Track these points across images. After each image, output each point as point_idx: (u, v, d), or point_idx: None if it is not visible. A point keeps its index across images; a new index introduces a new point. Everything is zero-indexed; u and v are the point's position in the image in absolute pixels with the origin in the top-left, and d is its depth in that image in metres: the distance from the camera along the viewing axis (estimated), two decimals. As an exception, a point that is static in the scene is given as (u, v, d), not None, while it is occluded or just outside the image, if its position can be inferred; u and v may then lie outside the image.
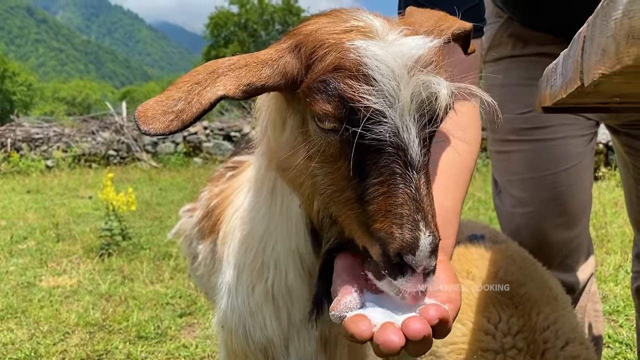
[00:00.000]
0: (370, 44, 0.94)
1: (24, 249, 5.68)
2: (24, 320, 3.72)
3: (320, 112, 0.93)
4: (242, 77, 0.96)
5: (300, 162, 1.04)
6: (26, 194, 9.65)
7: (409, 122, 0.91)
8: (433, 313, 0.84)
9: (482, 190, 8.01)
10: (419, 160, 0.91)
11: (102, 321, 3.65)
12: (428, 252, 0.87)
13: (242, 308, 1.41)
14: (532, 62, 1.91)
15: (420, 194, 0.91)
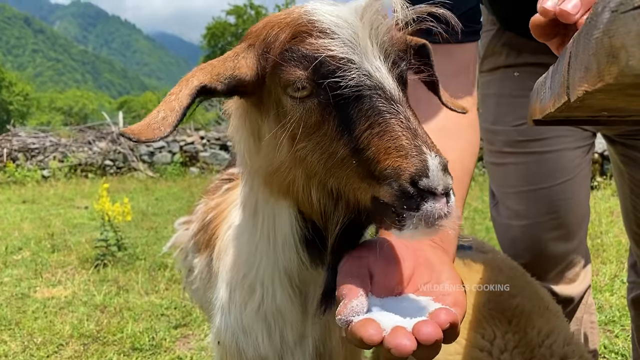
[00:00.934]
0: (319, 4, 1.00)
1: (19, 260, 5.66)
2: (18, 332, 3.69)
3: (292, 78, 0.95)
4: (211, 71, 1.01)
5: (286, 154, 1.04)
6: (22, 204, 9.62)
7: (376, 62, 0.95)
8: (444, 317, 0.83)
9: (479, 200, 8.02)
10: (399, 94, 0.94)
11: (97, 332, 3.63)
12: (441, 170, 0.87)
13: (235, 326, 1.40)
14: (526, 73, 1.91)
15: (411, 122, 0.92)
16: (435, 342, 0.81)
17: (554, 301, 1.52)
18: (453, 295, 0.94)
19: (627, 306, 2.32)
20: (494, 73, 2.03)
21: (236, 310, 1.39)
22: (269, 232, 1.20)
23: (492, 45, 2.00)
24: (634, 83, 0.41)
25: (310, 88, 0.96)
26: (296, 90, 0.96)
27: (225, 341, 1.43)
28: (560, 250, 1.96)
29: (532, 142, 1.93)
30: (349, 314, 0.88)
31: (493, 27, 2.00)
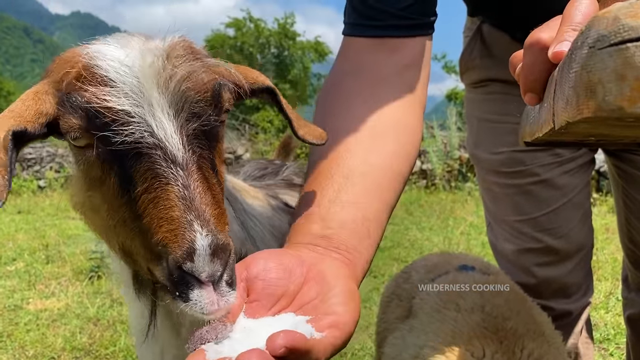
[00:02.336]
0: (103, 47, 0.91)
1: (12, 271, 5.62)
2: (9, 345, 3.66)
3: (67, 127, 0.88)
4: (13, 116, 0.90)
5: (82, 197, 0.99)
6: (17, 215, 9.58)
7: (161, 117, 0.85)
8: (279, 342, 0.73)
9: (474, 215, 8.02)
10: (183, 156, 0.84)
11: (89, 346, 3.60)
12: (208, 254, 0.77)
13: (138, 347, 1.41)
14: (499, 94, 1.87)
15: (191, 192, 0.82)
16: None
17: (552, 328, 1.51)
18: (335, 315, 0.87)
19: (622, 324, 2.32)
20: (474, 91, 2.00)
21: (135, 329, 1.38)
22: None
23: (465, 57, 1.95)
24: (611, 117, 0.42)
25: (86, 139, 0.88)
26: (74, 139, 0.89)
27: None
28: (552, 275, 1.94)
29: (515, 174, 1.88)
30: (196, 342, 0.82)
31: (468, 35, 1.96)
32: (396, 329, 1.70)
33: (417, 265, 1.93)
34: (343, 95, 1.30)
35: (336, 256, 1.04)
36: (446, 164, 10.77)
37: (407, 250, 5.88)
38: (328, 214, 1.10)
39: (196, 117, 0.88)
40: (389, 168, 1.20)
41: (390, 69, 1.30)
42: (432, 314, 1.53)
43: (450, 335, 1.37)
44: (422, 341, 1.46)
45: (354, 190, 1.13)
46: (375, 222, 1.13)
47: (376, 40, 1.32)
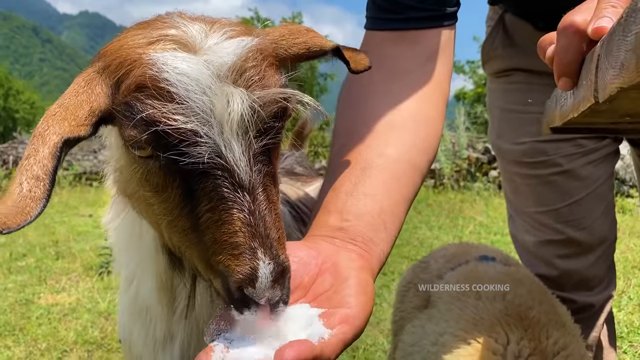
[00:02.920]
0: (171, 56, 0.84)
1: (23, 266, 5.65)
2: (22, 338, 3.68)
3: (127, 138, 0.84)
4: (67, 116, 0.86)
5: (135, 190, 0.97)
6: (26, 211, 9.61)
7: (230, 139, 0.82)
8: (287, 355, 0.75)
9: (484, 214, 7.99)
10: (250, 179, 0.82)
11: (101, 339, 3.62)
12: (270, 281, 0.79)
13: (124, 321, 1.39)
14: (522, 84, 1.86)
15: (255, 217, 0.81)
16: None
17: (571, 320, 1.50)
18: (347, 308, 0.88)
19: (635, 322, 2.30)
20: (496, 81, 1.99)
21: (125, 306, 1.38)
22: (135, 227, 1.16)
23: (487, 47, 1.94)
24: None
25: (150, 152, 0.84)
26: (135, 149, 0.86)
27: (122, 335, 1.42)
28: (574, 267, 1.92)
29: (537, 164, 1.87)
30: (212, 333, 0.83)
31: (490, 24, 1.95)
32: (415, 317, 1.70)
33: (436, 255, 1.93)
34: (364, 88, 1.30)
35: (352, 248, 1.04)
36: (454, 164, 10.75)
37: (417, 249, 5.87)
38: (345, 206, 1.10)
39: (264, 135, 0.86)
40: (407, 161, 1.19)
41: (411, 62, 1.30)
42: (452, 301, 1.53)
43: (472, 323, 1.37)
44: (441, 328, 1.46)
45: (371, 182, 1.12)
46: (392, 215, 1.13)
47: (397, 33, 1.32)
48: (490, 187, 10.04)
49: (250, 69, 0.85)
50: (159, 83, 0.82)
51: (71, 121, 0.86)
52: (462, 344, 1.30)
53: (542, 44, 0.87)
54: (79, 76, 0.92)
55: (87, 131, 0.86)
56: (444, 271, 1.79)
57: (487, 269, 1.66)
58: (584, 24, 0.74)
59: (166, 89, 0.82)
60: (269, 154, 0.89)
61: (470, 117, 14.08)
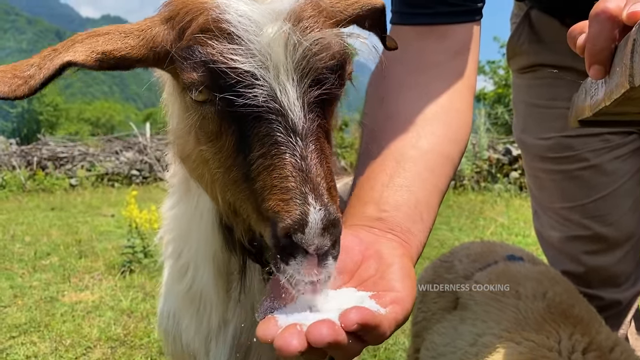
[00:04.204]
0: (234, 1, 0.85)
1: (48, 265, 5.74)
2: (47, 334, 3.74)
3: (187, 81, 0.85)
4: (98, 44, 0.88)
5: (192, 147, 0.98)
6: (50, 211, 9.77)
7: (286, 83, 0.82)
8: (352, 317, 0.74)
9: (505, 216, 7.92)
10: (304, 125, 0.82)
11: (124, 337, 3.66)
12: (319, 228, 0.76)
13: (171, 311, 1.38)
14: (548, 79, 1.84)
15: (307, 163, 0.80)
16: (330, 345, 0.72)
17: (601, 318, 1.48)
18: (395, 291, 0.88)
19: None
20: (521, 76, 1.97)
21: (173, 294, 1.37)
22: (199, 208, 1.16)
23: (513, 43, 1.93)
24: None
25: (206, 94, 0.85)
26: (193, 93, 0.86)
27: (165, 326, 1.41)
28: (601, 263, 1.89)
29: (562, 159, 1.85)
30: (265, 311, 0.82)
31: (515, 21, 1.94)
32: (443, 319, 1.68)
33: (459, 254, 1.91)
34: (393, 83, 1.30)
35: (392, 237, 1.04)
36: (475, 165, 10.67)
37: (437, 250, 5.83)
38: (382, 197, 1.11)
39: (320, 85, 0.85)
40: (440, 152, 1.20)
41: (439, 56, 1.30)
42: (489, 302, 1.51)
43: (514, 322, 1.35)
44: (479, 329, 1.43)
45: (406, 174, 1.13)
46: (427, 205, 1.14)
47: (424, 28, 1.32)
48: (511, 188, 9.94)
49: (308, 18, 0.86)
50: (221, 24, 0.83)
51: (93, 52, 0.87)
52: (508, 343, 1.28)
53: (573, 33, 0.86)
54: (146, 18, 0.94)
55: (97, 66, 0.88)
56: (471, 271, 1.76)
57: (519, 268, 1.64)
58: (617, 9, 0.73)
59: (227, 29, 0.82)
60: (324, 108, 0.88)
61: (491, 118, 13.96)
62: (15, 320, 4.00)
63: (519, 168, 10.23)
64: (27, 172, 13.52)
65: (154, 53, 0.90)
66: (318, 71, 0.84)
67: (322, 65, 0.84)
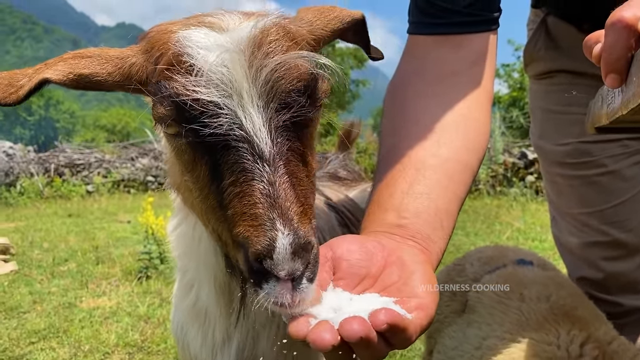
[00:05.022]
0: (194, 33, 0.88)
1: (66, 271, 5.80)
2: (66, 340, 3.78)
3: (156, 116, 0.89)
4: (78, 66, 0.94)
5: (179, 177, 1.03)
6: (67, 218, 9.89)
7: (250, 109, 0.83)
8: (382, 317, 0.77)
9: (521, 220, 7.86)
10: (270, 151, 0.83)
11: (141, 342, 3.69)
12: (289, 253, 0.78)
13: (180, 322, 1.45)
14: (565, 85, 1.84)
15: (276, 188, 0.82)
16: (362, 340, 0.74)
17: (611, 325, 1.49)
18: (419, 298, 0.89)
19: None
20: (538, 82, 1.97)
21: (180, 307, 1.44)
22: (195, 231, 1.21)
23: (530, 49, 1.93)
24: None
25: (176, 127, 0.88)
26: (163, 126, 0.90)
27: (177, 336, 1.48)
28: (620, 269, 1.88)
29: (580, 165, 1.84)
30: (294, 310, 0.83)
31: (532, 27, 1.94)
32: (453, 322, 1.69)
33: (471, 258, 1.91)
34: (410, 92, 1.32)
35: (412, 244, 1.06)
36: (490, 169, 10.60)
37: (453, 255, 5.78)
38: (402, 204, 1.12)
39: (287, 108, 0.86)
40: (459, 161, 1.21)
41: (456, 65, 1.31)
42: (494, 305, 1.52)
43: (517, 324, 1.37)
44: (484, 333, 1.45)
45: (425, 182, 1.15)
46: (447, 213, 1.14)
47: (441, 38, 1.34)
48: (527, 192, 9.86)
49: (270, 43, 0.87)
50: (182, 57, 0.86)
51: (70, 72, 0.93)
52: (510, 344, 1.30)
53: (589, 42, 0.86)
54: (126, 49, 0.98)
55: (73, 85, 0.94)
56: (480, 274, 1.77)
57: (527, 272, 1.64)
58: (634, 19, 0.74)
59: (188, 62, 0.85)
60: (297, 130, 0.89)
61: (506, 121, 13.86)
62: (34, 326, 4.05)
63: (535, 172, 10.15)
64: (44, 179, 13.68)
65: (129, 82, 0.95)
66: (284, 95, 0.85)
67: (287, 88, 0.85)
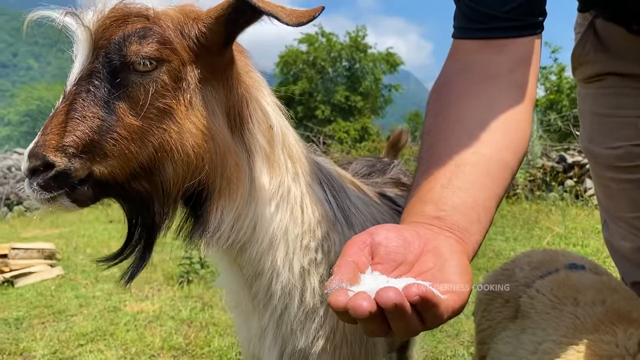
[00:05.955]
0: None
1: (109, 275, 5.94)
2: (112, 343, 3.88)
3: None
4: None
5: None
6: (109, 224, 10.12)
7: (78, 59, 1.15)
8: (414, 290, 0.82)
9: (561, 225, 7.71)
10: (69, 90, 1.13)
11: (185, 346, 3.75)
12: (26, 155, 1.10)
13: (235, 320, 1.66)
14: (614, 88, 1.80)
15: (55, 110, 1.13)
16: (396, 307, 0.79)
17: None
18: (452, 283, 0.92)
19: None
20: (587, 86, 1.94)
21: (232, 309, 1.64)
22: None
23: (578, 52, 1.91)
24: None
25: None
26: None
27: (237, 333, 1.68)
28: None
29: (633, 169, 1.80)
30: (332, 287, 0.88)
31: (579, 31, 1.93)
32: (506, 327, 1.68)
33: (521, 262, 1.89)
34: (454, 92, 1.34)
35: (449, 234, 1.08)
36: (528, 173, 10.43)
37: (492, 261, 5.73)
38: (441, 197, 1.14)
39: (97, 60, 1.14)
40: (499, 159, 1.23)
41: (499, 67, 1.33)
42: (547, 310, 1.51)
43: (572, 328, 1.36)
44: (539, 337, 1.44)
45: (465, 177, 1.16)
46: (485, 208, 1.16)
47: (484, 42, 1.36)
48: (566, 196, 9.66)
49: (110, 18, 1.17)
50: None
51: None
52: (567, 347, 1.29)
53: None
54: None
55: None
56: (531, 279, 1.75)
57: (580, 277, 1.62)
58: None
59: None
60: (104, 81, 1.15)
61: (543, 124, 13.62)
62: (82, 328, 4.17)
63: (575, 176, 9.95)
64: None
65: None
66: (102, 49, 1.16)
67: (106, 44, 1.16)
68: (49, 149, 1.09)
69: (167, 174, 1.20)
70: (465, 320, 3.98)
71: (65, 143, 1.09)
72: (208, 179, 1.23)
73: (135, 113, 1.13)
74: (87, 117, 1.10)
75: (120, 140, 1.12)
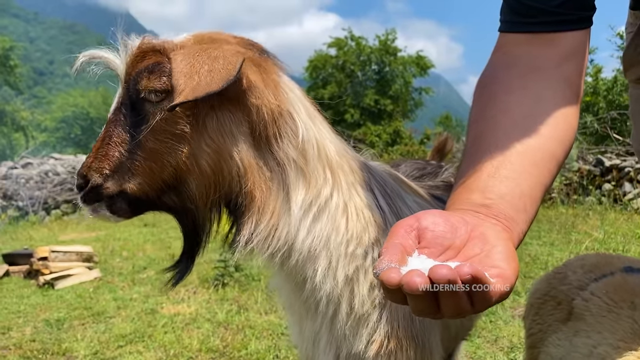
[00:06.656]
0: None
1: (145, 278, 6.05)
2: (151, 344, 3.93)
3: None
4: None
5: None
6: (144, 228, 10.30)
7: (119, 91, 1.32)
8: (466, 269, 0.81)
9: (600, 230, 7.53)
10: (109, 117, 1.30)
11: (223, 348, 3.78)
12: (77, 174, 1.31)
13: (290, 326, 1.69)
14: None
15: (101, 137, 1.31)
16: (449, 281, 0.80)
17: None
18: (499, 269, 0.91)
19: None
20: (639, 87, 1.90)
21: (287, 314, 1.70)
22: None
23: (629, 53, 1.87)
24: None
25: None
26: None
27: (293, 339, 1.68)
28: None
29: None
30: (382, 267, 0.87)
31: (631, 30, 1.88)
32: (558, 330, 1.65)
33: (573, 266, 1.86)
34: (500, 84, 1.34)
35: (495, 222, 1.07)
36: (564, 177, 10.22)
37: (530, 266, 5.63)
38: (487, 186, 1.14)
39: (125, 93, 1.30)
40: (546, 150, 1.22)
41: (546, 61, 1.32)
42: (603, 313, 1.48)
43: (630, 332, 1.32)
44: (594, 341, 1.41)
45: (511, 167, 1.16)
46: (531, 198, 1.15)
47: (531, 35, 1.35)
48: (604, 200, 9.44)
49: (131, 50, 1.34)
50: None
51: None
52: (625, 352, 1.26)
53: None
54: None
55: None
56: (585, 282, 1.72)
57: (638, 281, 1.58)
58: None
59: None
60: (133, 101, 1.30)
61: (579, 127, 13.34)
62: (121, 330, 4.24)
63: (613, 179, 9.71)
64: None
65: None
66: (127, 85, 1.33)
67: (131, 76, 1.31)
68: (88, 169, 1.30)
69: (191, 190, 1.32)
70: (504, 325, 3.92)
71: (100, 165, 1.29)
72: (232, 192, 1.34)
73: (153, 138, 1.27)
74: (117, 143, 1.29)
75: (143, 162, 1.28)
